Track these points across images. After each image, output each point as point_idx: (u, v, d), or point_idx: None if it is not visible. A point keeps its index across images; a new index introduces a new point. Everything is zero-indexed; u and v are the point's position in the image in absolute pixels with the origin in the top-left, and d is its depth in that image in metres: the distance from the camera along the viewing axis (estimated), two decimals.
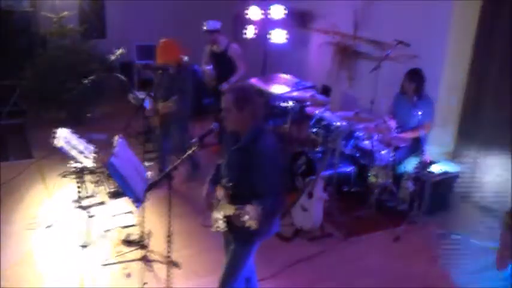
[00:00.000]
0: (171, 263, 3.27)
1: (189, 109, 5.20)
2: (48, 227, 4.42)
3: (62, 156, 4.42)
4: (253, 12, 7.56)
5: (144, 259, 3.94)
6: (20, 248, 4.14)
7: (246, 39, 8.01)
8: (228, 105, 2.72)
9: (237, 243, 2.91)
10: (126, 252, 4.09)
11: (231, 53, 5.93)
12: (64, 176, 5.11)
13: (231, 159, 2.86)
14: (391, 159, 4.94)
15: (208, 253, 4.16)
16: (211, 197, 2.95)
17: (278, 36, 7.48)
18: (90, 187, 4.95)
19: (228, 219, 2.78)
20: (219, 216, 2.86)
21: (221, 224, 2.86)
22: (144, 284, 3.58)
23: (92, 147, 4.53)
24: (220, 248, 3.17)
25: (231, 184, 2.80)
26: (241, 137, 2.78)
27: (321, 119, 5.31)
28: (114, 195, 4.99)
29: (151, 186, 3.04)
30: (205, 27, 5.92)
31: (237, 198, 2.73)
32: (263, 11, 7.49)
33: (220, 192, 2.89)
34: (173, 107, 4.95)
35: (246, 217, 2.52)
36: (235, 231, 2.86)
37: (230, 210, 2.71)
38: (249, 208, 2.53)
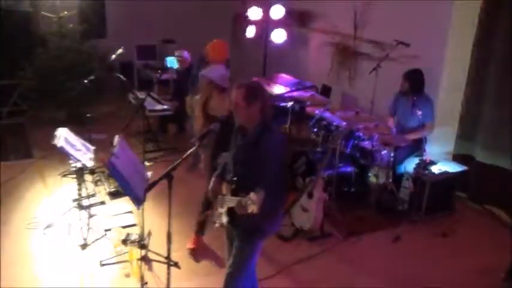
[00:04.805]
0: (171, 263, 3.26)
1: None
2: (48, 226, 4.42)
3: (62, 156, 4.43)
4: (253, 12, 7.56)
5: (144, 259, 3.93)
6: (19, 248, 4.14)
7: (246, 39, 8.02)
8: (238, 100, 2.79)
9: (241, 240, 2.92)
10: (126, 252, 4.10)
11: None
12: (64, 176, 5.11)
13: (237, 154, 2.89)
14: (391, 159, 4.94)
15: None
16: (217, 191, 2.97)
17: (278, 36, 7.48)
18: (90, 187, 4.95)
19: (231, 212, 2.79)
20: (222, 211, 2.87)
21: (224, 219, 2.86)
22: (144, 284, 3.58)
23: (91, 147, 4.54)
24: (221, 247, 3.17)
25: (235, 179, 2.83)
26: (249, 133, 2.83)
27: (321, 119, 5.32)
28: (114, 195, 4.99)
29: (151, 186, 3.04)
30: None
31: (240, 192, 2.75)
32: (263, 11, 7.50)
33: (225, 188, 2.91)
34: None
35: (249, 202, 2.52)
36: (237, 227, 2.87)
37: (233, 202, 2.72)
38: (251, 195, 2.55)
